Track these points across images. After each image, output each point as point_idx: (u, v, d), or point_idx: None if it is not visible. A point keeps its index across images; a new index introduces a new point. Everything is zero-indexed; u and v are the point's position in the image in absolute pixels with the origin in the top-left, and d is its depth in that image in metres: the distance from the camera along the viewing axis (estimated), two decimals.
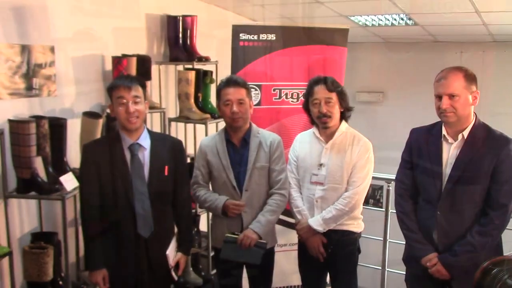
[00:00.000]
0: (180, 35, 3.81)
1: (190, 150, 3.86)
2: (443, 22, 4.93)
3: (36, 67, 2.86)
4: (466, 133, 2.26)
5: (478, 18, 4.48)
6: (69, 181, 2.66)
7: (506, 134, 2.28)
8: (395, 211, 2.54)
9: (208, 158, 2.67)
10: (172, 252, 2.49)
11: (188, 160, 3.88)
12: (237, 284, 2.81)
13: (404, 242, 2.53)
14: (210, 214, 3.06)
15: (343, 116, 2.69)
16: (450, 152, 2.29)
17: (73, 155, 3.00)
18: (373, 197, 3.87)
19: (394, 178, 2.61)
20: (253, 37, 3.29)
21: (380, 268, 3.68)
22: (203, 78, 3.63)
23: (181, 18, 3.79)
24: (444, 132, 2.32)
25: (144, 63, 3.41)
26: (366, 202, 3.26)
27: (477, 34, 5.55)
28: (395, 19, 4.87)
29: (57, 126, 2.73)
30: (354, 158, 2.61)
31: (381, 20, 4.96)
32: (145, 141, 2.41)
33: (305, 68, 3.36)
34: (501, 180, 2.20)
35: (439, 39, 6.12)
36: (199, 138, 3.53)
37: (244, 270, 2.81)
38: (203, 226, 3.84)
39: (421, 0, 3.94)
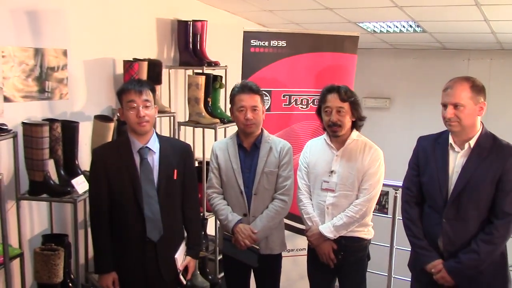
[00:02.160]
0: (190, 40, 3.83)
1: (198, 154, 3.88)
2: (452, 30, 4.95)
3: (49, 70, 2.89)
4: (472, 142, 2.28)
5: (487, 26, 4.49)
6: (80, 184, 2.69)
7: None
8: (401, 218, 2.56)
9: (219, 161, 2.70)
10: (181, 256, 2.50)
11: (196, 164, 3.92)
12: None
13: (410, 249, 2.55)
14: None
15: (355, 125, 2.68)
16: (456, 160, 2.31)
17: (84, 158, 3.03)
18: (379, 203, 3.88)
19: (401, 185, 2.62)
20: (264, 43, 3.31)
21: (387, 274, 3.68)
22: (212, 83, 3.65)
23: (191, 23, 3.82)
24: (451, 140, 2.34)
25: (155, 67, 3.43)
26: None
27: (485, 42, 5.55)
28: (403, 26, 4.88)
29: (70, 129, 2.76)
30: (365, 165, 2.62)
31: (389, 27, 4.97)
32: (154, 145, 2.42)
33: (315, 74, 3.39)
34: (506, 189, 2.22)
35: (446, 46, 6.12)
36: (208, 142, 3.56)
37: (252, 275, 2.82)
38: (210, 229, 3.86)
39: (431, 8, 3.94)
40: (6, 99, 2.65)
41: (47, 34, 2.89)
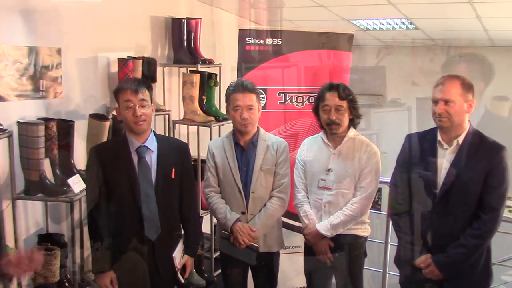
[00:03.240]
0: (185, 38, 3.82)
1: (193, 153, 3.87)
2: (444, 27, 4.97)
3: (43, 69, 2.88)
4: (461, 139, 2.32)
5: (479, 24, 4.51)
6: (76, 183, 2.68)
7: (499, 142, 2.33)
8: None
9: (216, 160, 2.69)
10: (178, 255, 2.50)
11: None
12: (242, 286, 2.83)
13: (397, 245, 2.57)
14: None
15: (352, 123, 2.69)
16: (445, 157, 2.35)
17: (79, 157, 3.01)
18: None
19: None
20: (259, 41, 3.31)
21: (381, 271, 3.70)
22: (207, 80, 3.64)
23: (185, 20, 3.81)
24: (439, 137, 2.38)
25: (149, 65, 3.42)
26: None
27: (476, 39, 5.59)
28: (396, 23, 4.89)
29: (65, 128, 2.75)
30: (362, 164, 2.62)
31: (382, 24, 4.98)
32: (152, 143, 2.41)
33: (310, 72, 3.39)
34: (493, 185, 2.26)
35: (438, 43, 6.15)
36: (203, 140, 3.55)
37: (249, 272, 2.83)
38: (205, 227, 3.85)
39: (424, 6, 3.96)
40: (0, 98, 2.64)
41: (41, 32, 2.87)
